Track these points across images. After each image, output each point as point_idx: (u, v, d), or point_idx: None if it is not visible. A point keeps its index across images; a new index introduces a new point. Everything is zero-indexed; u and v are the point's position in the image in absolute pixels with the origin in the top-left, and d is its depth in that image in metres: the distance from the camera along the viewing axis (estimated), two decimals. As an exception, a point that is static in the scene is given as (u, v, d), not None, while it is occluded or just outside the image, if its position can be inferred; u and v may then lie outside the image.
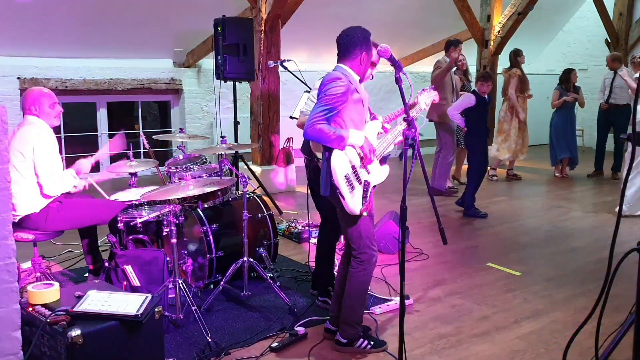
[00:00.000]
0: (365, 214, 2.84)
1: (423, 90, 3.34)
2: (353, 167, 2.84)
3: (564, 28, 11.86)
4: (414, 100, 3.28)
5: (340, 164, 2.79)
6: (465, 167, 6.65)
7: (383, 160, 3.05)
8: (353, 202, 2.80)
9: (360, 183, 2.85)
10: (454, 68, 6.97)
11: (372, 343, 3.07)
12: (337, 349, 3.07)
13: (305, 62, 8.39)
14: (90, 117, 7.96)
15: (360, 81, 3.01)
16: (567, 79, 8.10)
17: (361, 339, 3.06)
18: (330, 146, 2.79)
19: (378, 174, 2.97)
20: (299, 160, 4.74)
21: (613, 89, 7.96)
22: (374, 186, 2.96)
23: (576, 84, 8.18)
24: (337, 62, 2.95)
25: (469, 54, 7.41)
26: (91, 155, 3.85)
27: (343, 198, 2.79)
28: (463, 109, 5.90)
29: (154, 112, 9.06)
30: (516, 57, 7.65)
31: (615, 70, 7.97)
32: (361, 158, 2.87)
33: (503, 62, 8.72)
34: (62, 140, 7.30)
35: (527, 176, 8.40)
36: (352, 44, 2.88)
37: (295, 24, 7.11)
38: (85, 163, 3.70)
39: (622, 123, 7.71)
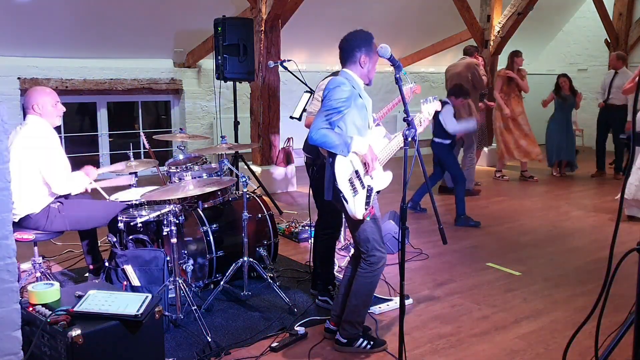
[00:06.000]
0: (368, 218, 2.85)
1: (426, 99, 3.35)
2: (356, 171, 2.85)
3: (563, 28, 11.87)
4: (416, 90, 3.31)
5: (344, 168, 2.81)
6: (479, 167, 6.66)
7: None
8: (356, 206, 2.81)
9: (364, 188, 2.85)
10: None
11: (371, 343, 3.08)
12: (336, 348, 3.08)
13: (305, 62, 8.40)
14: (90, 117, 7.96)
15: (368, 84, 3.03)
16: (557, 85, 8.11)
17: (361, 339, 3.06)
18: (334, 152, 2.80)
19: (381, 179, 2.97)
20: (299, 160, 4.74)
21: (612, 89, 7.97)
22: (378, 192, 2.97)
23: (574, 88, 8.13)
24: (342, 68, 3.00)
25: (469, 54, 7.41)
26: (97, 167, 3.82)
27: (346, 202, 2.80)
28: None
29: (152, 113, 9.05)
30: (512, 57, 7.68)
31: (616, 70, 7.98)
32: (364, 164, 2.87)
33: (503, 62, 8.73)
34: (62, 140, 7.30)
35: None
36: (350, 47, 2.93)
37: (295, 24, 7.11)
38: (92, 170, 3.68)
39: (619, 124, 7.73)
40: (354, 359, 3.02)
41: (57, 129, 3.62)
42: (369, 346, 3.06)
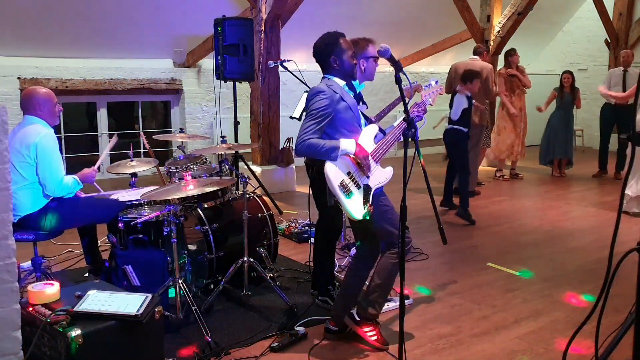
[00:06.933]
0: (367, 217, 2.85)
1: (425, 86, 3.34)
2: (349, 173, 2.86)
3: (564, 28, 11.87)
4: (417, 88, 3.34)
5: (334, 172, 2.83)
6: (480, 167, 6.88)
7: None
8: (352, 207, 2.82)
9: (359, 188, 2.86)
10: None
11: (377, 337, 3.10)
12: (347, 321, 3.11)
13: (305, 62, 8.36)
14: (90, 117, 7.96)
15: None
16: (560, 82, 8.18)
17: (372, 326, 3.09)
18: (323, 159, 2.83)
19: (379, 176, 2.98)
20: (299, 160, 4.74)
21: (626, 87, 7.97)
22: (379, 188, 2.97)
23: (574, 86, 8.18)
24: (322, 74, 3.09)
25: (469, 54, 7.40)
26: (93, 164, 3.82)
27: (341, 205, 2.82)
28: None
29: (160, 112, 9.03)
30: (506, 57, 7.79)
31: (626, 68, 8.00)
32: (357, 164, 2.89)
33: (503, 62, 8.74)
34: (62, 140, 7.30)
35: (527, 176, 8.41)
36: (320, 55, 3.03)
37: (295, 24, 7.11)
38: (89, 172, 3.68)
39: (627, 123, 7.72)
40: (353, 358, 3.02)
41: (57, 129, 3.62)
42: (374, 338, 3.08)
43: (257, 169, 6.86)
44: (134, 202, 3.76)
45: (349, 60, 3.01)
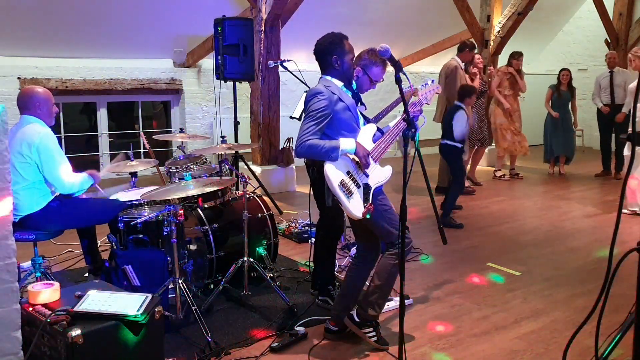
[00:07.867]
0: (367, 216, 2.86)
1: (422, 85, 3.35)
2: (348, 172, 2.86)
3: (563, 28, 11.86)
4: (415, 93, 3.35)
5: (334, 171, 2.83)
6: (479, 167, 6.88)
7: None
8: (352, 206, 2.83)
9: (359, 187, 2.87)
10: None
11: (376, 338, 3.10)
12: (346, 322, 3.10)
13: (305, 62, 8.37)
14: (90, 117, 7.95)
15: (350, 83, 3.07)
16: (558, 79, 8.21)
17: (371, 328, 3.09)
18: (323, 159, 2.84)
19: (378, 175, 2.98)
20: (299, 160, 4.74)
21: (614, 88, 7.99)
22: (378, 187, 2.98)
23: (572, 84, 8.20)
24: (321, 74, 3.08)
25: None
26: (93, 165, 3.85)
27: (341, 204, 2.82)
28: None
29: (157, 111, 9.02)
30: (509, 58, 7.81)
31: (611, 70, 8.02)
32: (357, 163, 2.89)
33: (503, 62, 8.74)
34: (62, 140, 7.29)
35: (527, 176, 8.41)
36: (322, 53, 3.02)
37: (295, 24, 7.11)
38: (97, 174, 3.69)
39: (623, 123, 7.74)
40: (353, 358, 3.02)
41: (57, 129, 3.63)
42: (374, 339, 3.08)
43: (257, 169, 6.86)
44: (134, 202, 3.76)
45: (350, 63, 3.02)
